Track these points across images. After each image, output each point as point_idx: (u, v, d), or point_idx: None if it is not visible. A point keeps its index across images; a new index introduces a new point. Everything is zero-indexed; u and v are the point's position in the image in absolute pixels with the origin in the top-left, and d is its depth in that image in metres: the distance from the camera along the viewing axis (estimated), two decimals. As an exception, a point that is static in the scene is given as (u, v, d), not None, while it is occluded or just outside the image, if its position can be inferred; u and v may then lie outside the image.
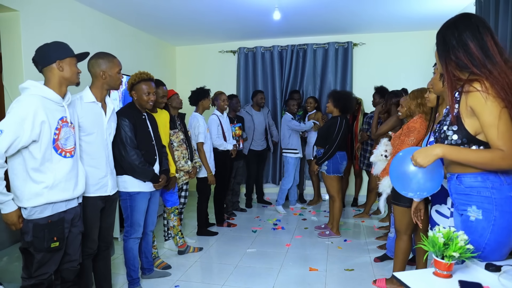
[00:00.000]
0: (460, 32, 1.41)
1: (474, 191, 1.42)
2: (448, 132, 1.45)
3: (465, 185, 1.45)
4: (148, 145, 2.71)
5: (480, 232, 1.40)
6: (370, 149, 4.53)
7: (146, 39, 5.21)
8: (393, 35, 5.34)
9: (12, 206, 1.84)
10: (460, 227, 1.49)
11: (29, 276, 1.91)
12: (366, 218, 4.72)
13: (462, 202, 1.47)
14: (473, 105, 1.36)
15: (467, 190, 1.44)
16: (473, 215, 1.42)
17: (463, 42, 1.40)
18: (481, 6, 3.36)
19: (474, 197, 1.42)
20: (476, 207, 1.42)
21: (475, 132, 1.39)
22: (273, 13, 4.17)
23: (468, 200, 1.44)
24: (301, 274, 3.13)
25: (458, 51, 1.41)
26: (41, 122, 1.82)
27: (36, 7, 3.25)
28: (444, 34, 1.46)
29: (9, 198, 1.83)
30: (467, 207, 1.44)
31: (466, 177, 1.44)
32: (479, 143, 1.40)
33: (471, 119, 1.38)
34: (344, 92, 4.20)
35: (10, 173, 1.88)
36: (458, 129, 1.41)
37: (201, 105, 3.93)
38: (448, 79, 1.45)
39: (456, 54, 1.41)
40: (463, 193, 1.46)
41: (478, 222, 1.41)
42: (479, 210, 1.41)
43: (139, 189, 2.68)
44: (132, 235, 2.74)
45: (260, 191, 5.54)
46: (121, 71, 2.36)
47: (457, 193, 1.49)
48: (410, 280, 1.32)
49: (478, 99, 1.34)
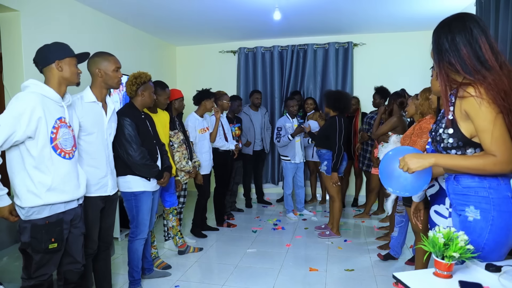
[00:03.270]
0: (453, 36, 1.39)
1: (471, 191, 1.42)
2: (443, 135, 1.44)
3: (462, 186, 1.45)
4: (150, 144, 2.72)
5: (478, 232, 1.40)
6: (370, 149, 4.53)
7: (146, 39, 5.21)
8: (394, 35, 5.34)
9: (6, 200, 1.85)
10: (459, 227, 1.48)
11: (28, 277, 1.91)
12: (366, 218, 4.72)
13: (460, 202, 1.47)
14: (467, 109, 1.35)
15: (465, 190, 1.44)
16: (471, 215, 1.42)
17: (456, 46, 1.38)
18: (481, 6, 3.36)
19: (472, 197, 1.42)
20: (474, 207, 1.41)
21: (470, 135, 1.38)
22: (273, 13, 4.18)
23: (466, 201, 1.44)
24: (301, 274, 3.13)
25: (450, 55, 1.39)
26: (38, 118, 1.82)
27: (36, 7, 3.25)
28: (438, 36, 1.44)
29: (3, 192, 1.84)
30: (465, 207, 1.44)
31: (464, 177, 1.44)
32: (475, 146, 1.39)
33: (466, 122, 1.37)
34: (335, 92, 4.18)
35: (9, 171, 1.89)
36: (454, 132, 1.40)
37: (203, 105, 3.92)
38: (442, 81, 1.43)
39: (449, 58, 1.40)
40: (460, 193, 1.46)
41: (476, 222, 1.41)
42: (477, 210, 1.40)
43: (144, 188, 2.68)
44: (138, 236, 2.73)
45: (260, 191, 5.54)
46: (119, 70, 2.35)
47: (454, 193, 1.49)
48: (410, 280, 1.32)
49: (472, 104, 1.32)
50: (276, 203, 5.56)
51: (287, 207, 4.83)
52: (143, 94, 2.72)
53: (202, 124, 3.93)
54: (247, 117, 5.06)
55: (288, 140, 4.56)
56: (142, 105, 2.76)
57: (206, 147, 3.94)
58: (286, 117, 4.74)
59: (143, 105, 2.76)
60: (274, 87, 5.72)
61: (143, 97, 2.73)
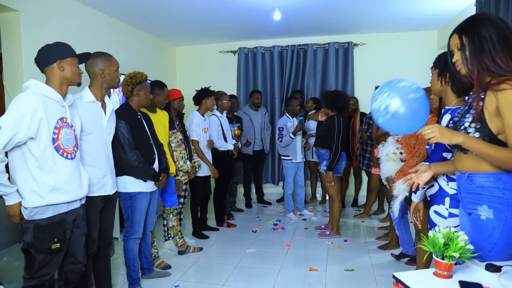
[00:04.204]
0: (494, 32, 1.37)
1: (485, 191, 1.42)
2: (469, 129, 1.42)
3: (476, 185, 1.44)
4: (147, 145, 2.71)
5: (490, 231, 1.41)
6: (369, 149, 4.53)
7: (146, 39, 5.21)
8: (394, 35, 5.34)
9: (16, 197, 1.85)
10: (469, 225, 1.49)
11: (30, 277, 1.91)
12: (366, 218, 4.72)
13: (472, 201, 1.47)
14: (503, 102, 1.32)
15: (478, 189, 1.44)
16: (483, 214, 1.42)
17: (499, 42, 1.36)
18: (481, 6, 3.36)
19: (486, 197, 1.42)
20: (487, 206, 1.41)
21: (497, 132, 1.37)
22: (273, 13, 4.18)
23: (479, 200, 1.44)
24: (301, 274, 3.13)
25: (494, 53, 1.37)
26: (39, 119, 1.82)
27: (36, 7, 3.25)
28: (478, 34, 1.40)
29: (13, 190, 1.84)
30: (478, 206, 1.44)
31: (478, 176, 1.44)
32: (499, 144, 1.37)
33: (496, 118, 1.36)
34: (333, 91, 4.18)
35: (11, 171, 1.89)
36: (481, 127, 1.39)
37: (204, 104, 3.92)
38: (477, 80, 1.40)
39: (491, 53, 1.37)
40: (474, 192, 1.46)
41: (489, 222, 1.41)
42: (490, 210, 1.41)
43: (140, 189, 2.68)
44: (132, 235, 2.74)
45: (260, 191, 5.54)
46: (118, 69, 2.37)
47: (467, 192, 1.49)
48: (410, 280, 1.32)
49: (509, 98, 1.31)
50: (276, 203, 5.56)
51: (287, 207, 4.82)
52: (139, 94, 2.71)
53: (204, 124, 3.93)
54: (247, 117, 5.06)
55: (290, 139, 4.56)
56: (138, 105, 2.75)
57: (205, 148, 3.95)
58: (286, 117, 4.73)
59: (139, 105, 2.75)
60: (274, 87, 5.73)
61: (139, 97, 2.72)
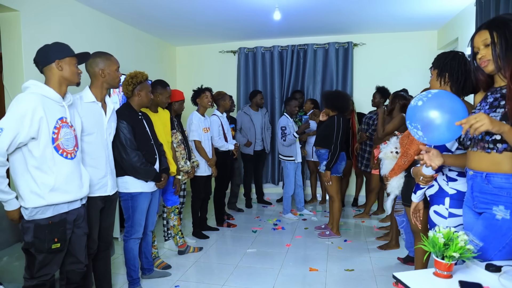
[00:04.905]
0: None
1: (503, 191, 1.42)
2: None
3: (494, 185, 1.44)
4: (148, 145, 2.71)
5: (504, 231, 1.41)
6: (369, 150, 4.53)
7: (146, 39, 5.21)
8: (394, 35, 5.34)
9: (15, 204, 1.86)
10: (480, 224, 1.49)
11: (31, 277, 1.92)
12: (366, 218, 4.72)
13: (486, 201, 1.47)
14: None
15: (496, 190, 1.44)
16: (499, 214, 1.43)
17: None
18: (481, 6, 3.36)
19: (503, 198, 1.42)
20: (504, 207, 1.42)
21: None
22: (273, 13, 4.18)
23: (495, 200, 1.44)
24: (301, 274, 3.13)
25: None
26: (39, 118, 1.82)
27: (36, 7, 3.25)
28: (510, 31, 1.40)
29: (12, 196, 1.84)
30: (493, 206, 1.44)
31: (497, 177, 1.43)
32: None
33: None
34: (333, 91, 4.18)
35: (11, 172, 1.89)
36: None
37: (199, 103, 3.93)
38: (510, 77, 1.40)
39: None
40: (490, 192, 1.46)
41: (504, 222, 1.41)
42: (507, 211, 1.41)
43: (141, 189, 2.68)
44: (132, 235, 2.74)
45: (260, 191, 5.54)
46: (119, 69, 2.36)
47: (481, 191, 1.49)
48: (410, 280, 1.32)
49: None
50: (276, 203, 5.56)
51: (285, 207, 4.80)
52: (139, 94, 2.71)
53: (204, 123, 3.93)
54: (247, 117, 5.05)
55: (294, 138, 4.58)
56: (139, 105, 2.74)
57: (207, 147, 3.94)
58: (285, 117, 4.73)
59: (140, 105, 2.75)
60: (274, 87, 5.73)
61: (139, 97, 2.71)
